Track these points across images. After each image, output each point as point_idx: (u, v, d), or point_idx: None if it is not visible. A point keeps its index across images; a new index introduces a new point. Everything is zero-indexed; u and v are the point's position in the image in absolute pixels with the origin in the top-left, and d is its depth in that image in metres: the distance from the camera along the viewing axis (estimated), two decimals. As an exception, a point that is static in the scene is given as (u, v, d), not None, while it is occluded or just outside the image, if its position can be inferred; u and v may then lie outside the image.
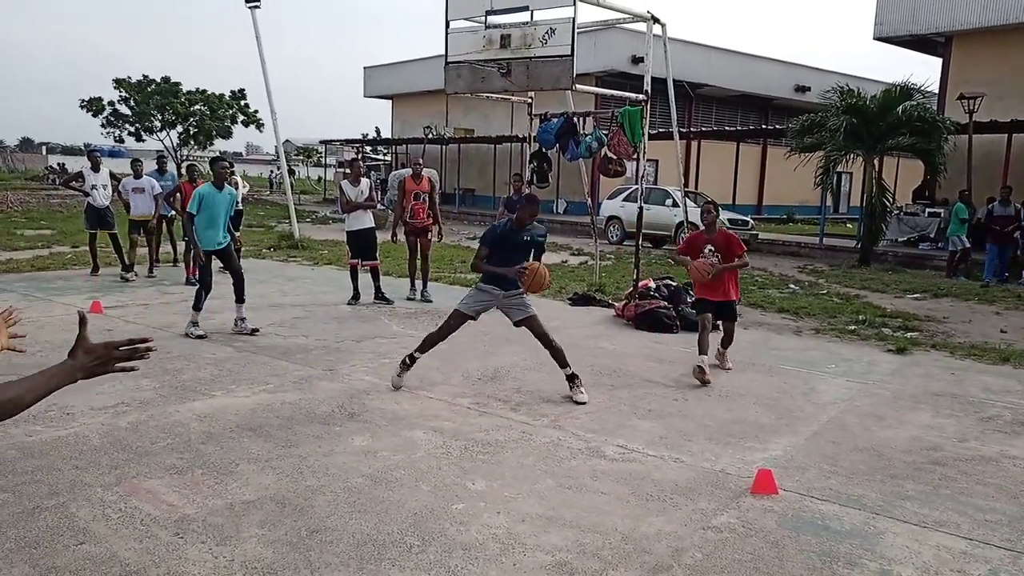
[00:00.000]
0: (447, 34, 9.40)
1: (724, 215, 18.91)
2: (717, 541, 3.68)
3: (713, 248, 6.91)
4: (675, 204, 18.75)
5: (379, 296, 9.74)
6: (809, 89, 31.96)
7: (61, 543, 3.40)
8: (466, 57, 9.19)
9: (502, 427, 5.20)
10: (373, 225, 9.94)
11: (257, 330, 7.77)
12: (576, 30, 8.22)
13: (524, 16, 8.65)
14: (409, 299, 10.08)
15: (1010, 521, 4.01)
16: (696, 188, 24.38)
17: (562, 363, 5.92)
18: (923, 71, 24.24)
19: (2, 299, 8.69)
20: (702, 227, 7.18)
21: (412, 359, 5.99)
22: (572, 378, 5.91)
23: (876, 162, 16.23)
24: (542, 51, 8.44)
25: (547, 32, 8.38)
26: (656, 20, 9.47)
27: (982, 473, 4.69)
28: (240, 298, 7.80)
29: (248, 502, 3.88)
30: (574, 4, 8.15)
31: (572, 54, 8.20)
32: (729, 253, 6.89)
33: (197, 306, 7.63)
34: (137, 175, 11.51)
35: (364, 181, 9.84)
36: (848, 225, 28.34)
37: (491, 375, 6.53)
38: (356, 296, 9.75)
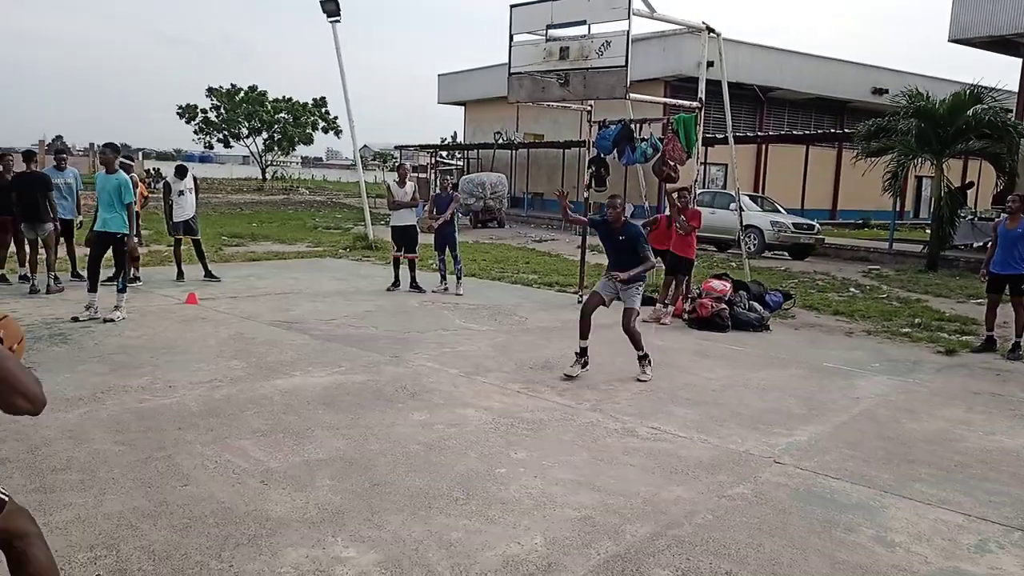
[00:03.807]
0: (511, 47, 10.00)
1: (790, 219, 18.92)
2: (729, 507, 4.11)
3: None
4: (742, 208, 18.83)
5: (414, 285, 10.96)
6: (887, 91, 31.19)
7: (169, 485, 4.11)
8: (528, 68, 9.75)
9: (546, 408, 5.72)
10: (415, 223, 11.18)
11: (112, 320, 8.00)
12: (631, 42, 8.67)
13: (582, 29, 9.15)
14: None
15: (1013, 503, 4.28)
16: (763, 192, 24.28)
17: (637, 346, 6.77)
18: (1005, 72, 23.30)
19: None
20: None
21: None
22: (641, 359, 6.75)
23: (946, 166, 15.99)
24: (598, 62, 8.92)
25: (603, 44, 8.86)
26: (711, 31, 9.81)
27: (999, 462, 4.94)
28: (119, 286, 8.32)
29: (321, 460, 4.53)
30: (628, 18, 8.60)
31: (626, 65, 8.65)
32: None
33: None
34: (60, 167, 10.53)
35: (409, 184, 11.11)
36: (927, 230, 27.60)
37: (542, 364, 7.06)
38: (396, 283, 11.07)
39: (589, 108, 10.95)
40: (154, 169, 46.30)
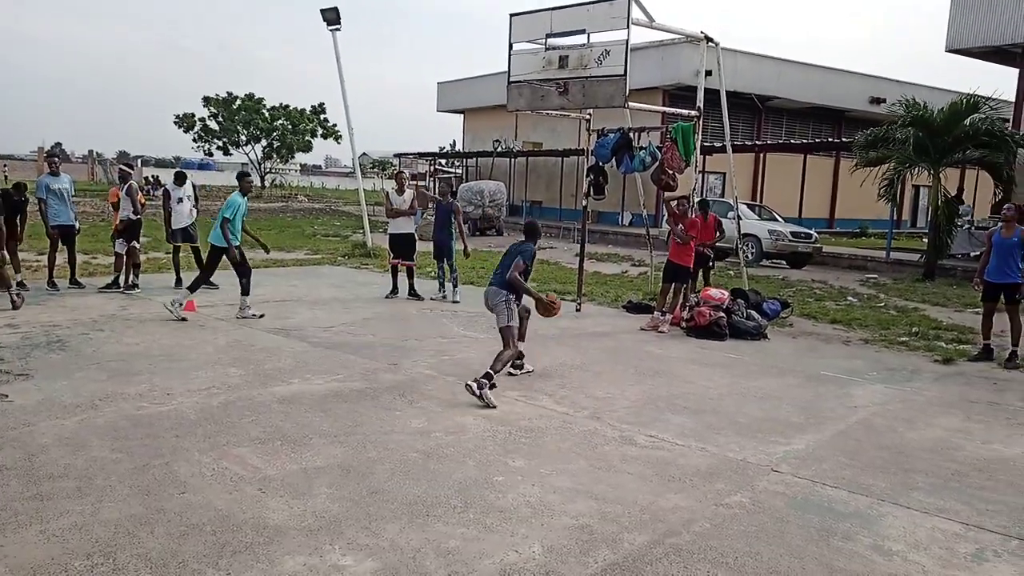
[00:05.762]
0: (510, 55, 10.03)
1: (787, 228, 18.96)
2: (727, 516, 4.11)
3: None
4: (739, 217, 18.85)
5: (412, 293, 11.09)
6: (884, 101, 31.33)
7: (166, 492, 4.10)
8: (527, 76, 9.78)
9: (545, 416, 5.72)
10: (413, 231, 11.28)
11: (263, 315, 9.01)
12: (629, 51, 8.70)
13: (581, 39, 9.18)
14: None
15: (1010, 511, 4.29)
16: (761, 201, 24.33)
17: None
18: (1002, 82, 23.40)
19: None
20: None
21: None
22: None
23: (943, 175, 16.05)
24: (597, 71, 8.95)
25: (602, 53, 8.89)
26: (709, 40, 9.86)
27: (996, 471, 4.95)
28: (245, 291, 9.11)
29: (319, 468, 4.52)
30: (628, 27, 8.64)
31: (625, 74, 8.68)
32: None
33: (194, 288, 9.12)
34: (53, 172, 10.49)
35: (408, 192, 11.31)
36: (924, 239, 27.68)
37: (540, 372, 7.06)
38: (395, 290, 11.10)
39: (588, 116, 10.99)
40: (153, 176, 46.42)
